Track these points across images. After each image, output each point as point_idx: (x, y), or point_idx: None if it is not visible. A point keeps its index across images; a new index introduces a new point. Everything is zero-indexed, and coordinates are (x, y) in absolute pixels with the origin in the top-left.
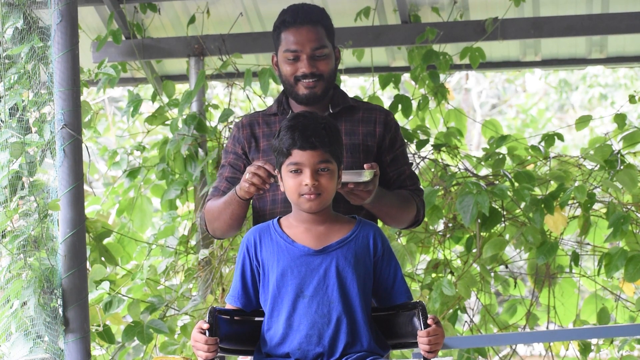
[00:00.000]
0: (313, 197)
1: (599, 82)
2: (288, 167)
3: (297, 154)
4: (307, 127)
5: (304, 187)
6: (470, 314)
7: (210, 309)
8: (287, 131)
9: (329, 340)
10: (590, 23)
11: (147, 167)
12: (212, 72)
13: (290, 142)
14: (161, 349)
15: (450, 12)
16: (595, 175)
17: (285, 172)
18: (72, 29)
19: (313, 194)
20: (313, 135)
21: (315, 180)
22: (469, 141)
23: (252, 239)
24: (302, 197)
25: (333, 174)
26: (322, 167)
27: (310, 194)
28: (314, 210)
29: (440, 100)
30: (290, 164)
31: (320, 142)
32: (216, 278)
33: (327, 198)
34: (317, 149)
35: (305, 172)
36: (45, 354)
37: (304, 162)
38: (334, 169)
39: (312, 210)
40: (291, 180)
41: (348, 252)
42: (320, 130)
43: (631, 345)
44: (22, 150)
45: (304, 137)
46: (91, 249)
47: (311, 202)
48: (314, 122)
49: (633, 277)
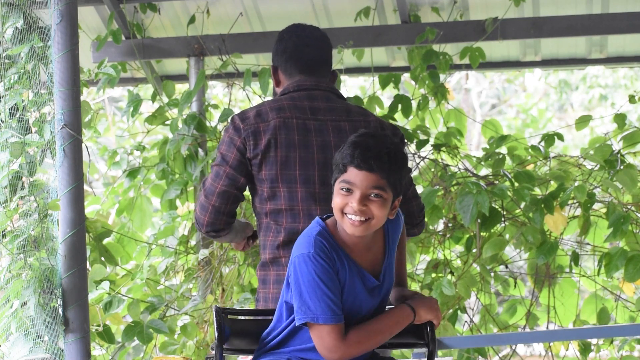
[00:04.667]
0: (357, 223)
1: (599, 82)
2: (340, 185)
3: (352, 172)
4: (370, 147)
5: (349, 208)
6: (470, 314)
7: (215, 309)
8: (349, 146)
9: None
10: (590, 23)
11: (147, 167)
12: (212, 72)
13: (349, 159)
14: (161, 349)
15: (450, 12)
16: (595, 175)
17: (336, 189)
18: (72, 29)
19: (358, 220)
20: (374, 157)
21: (364, 205)
22: (469, 141)
23: (330, 255)
24: (346, 217)
25: (386, 203)
26: (375, 193)
27: (355, 219)
28: (357, 235)
29: (440, 100)
30: (342, 181)
31: (379, 166)
32: (216, 278)
33: (374, 225)
34: (374, 172)
35: (355, 193)
36: (45, 354)
37: (356, 183)
38: (387, 198)
39: (354, 235)
40: (339, 198)
41: (390, 273)
42: (383, 155)
43: (631, 346)
44: (22, 150)
45: (364, 157)
46: (91, 249)
47: (355, 227)
48: (378, 145)
49: (633, 277)
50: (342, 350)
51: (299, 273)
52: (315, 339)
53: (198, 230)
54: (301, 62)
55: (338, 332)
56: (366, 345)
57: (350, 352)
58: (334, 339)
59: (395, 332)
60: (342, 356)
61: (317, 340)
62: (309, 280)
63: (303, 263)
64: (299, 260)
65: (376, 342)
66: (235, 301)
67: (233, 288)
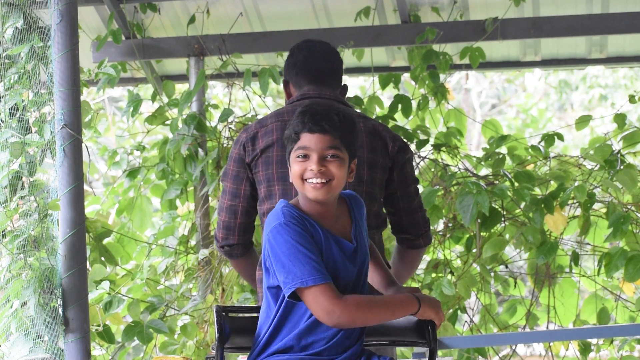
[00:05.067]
0: (319, 185)
1: (599, 82)
2: (296, 152)
3: (306, 137)
4: (318, 112)
5: (309, 172)
6: (470, 314)
7: (215, 308)
8: (297, 116)
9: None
10: (590, 23)
11: (147, 167)
12: (212, 72)
13: (300, 127)
14: (161, 349)
15: (450, 12)
16: (595, 175)
17: (292, 159)
18: (72, 29)
19: (319, 182)
20: (324, 119)
21: (323, 166)
22: (469, 141)
23: (304, 223)
24: (307, 183)
25: (343, 163)
26: (331, 154)
27: (316, 181)
28: (320, 199)
29: (440, 100)
30: (298, 148)
31: (330, 127)
32: (216, 278)
33: (336, 186)
34: (327, 133)
35: (312, 157)
36: (45, 354)
37: (311, 147)
38: (344, 158)
39: (317, 199)
40: (297, 166)
41: (363, 232)
42: (332, 116)
43: (631, 345)
44: (22, 150)
45: (314, 120)
46: (91, 248)
47: (317, 191)
48: (326, 109)
49: (633, 277)
50: (340, 308)
51: (275, 245)
52: (311, 303)
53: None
54: (309, 73)
55: (331, 290)
56: (364, 312)
57: (350, 313)
58: (330, 297)
59: (397, 314)
60: (340, 315)
61: (313, 304)
62: (287, 247)
63: (277, 234)
64: (272, 234)
65: (376, 314)
66: (235, 301)
67: (233, 288)
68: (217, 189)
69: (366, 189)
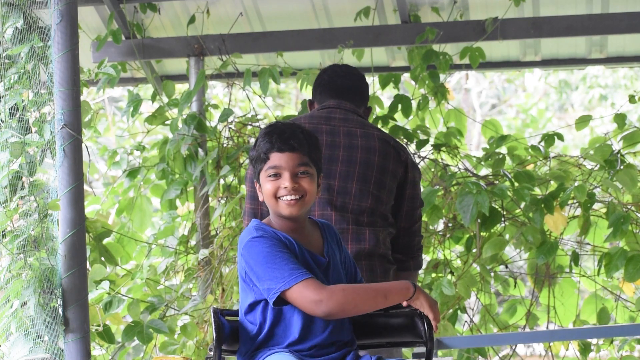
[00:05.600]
0: (293, 201)
1: (599, 82)
2: (267, 172)
3: (276, 157)
4: (285, 131)
5: (282, 190)
6: (470, 314)
7: (213, 310)
8: (264, 137)
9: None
10: (590, 23)
11: (147, 167)
12: (212, 72)
13: (269, 146)
14: (161, 349)
15: (450, 12)
16: (595, 175)
17: (263, 179)
18: (72, 29)
19: (293, 199)
20: (291, 138)
21: (295, 182)
22: (469, 141)
23: (277, 236)
24: (280, 200)
25: (313, 178)
26: (302, 171)
27: (290, 198)
28: (294, 214)
29: (440, 100)
30: (269, 168)
31: (299, 145)
32: (216, 278)
33: (309, 201)
34: (296, 151)
35: (284, 175)
36: (45, 354)
37: (282, 165)
38: (313, 174)
39: (292, 215)
40: (269, 185)
41: (338, 258)
42: (298, 134)
43: (631, 345)
44: (22, 150)
45: (282, 139)
46: (91, 248)
47: (291, 207)
48: (291, 127)
49: (633, 277)
50: (326, 296)
51: (250, 258)
52: (298, 300)
53: None
54: (332, 90)
55: (315, 282)
56: (353, 297)
57: (337, 299)
58: (314, 288)
59: (390, 298)
60: (328, 302)
61: (300, 299)
62: (263, 256)
63: (251, 247)
64: (247, 248)
65: (366, 299)
66: (235, 301)
67: (233, 288)
68: (216, 189)
69: (372, 190)
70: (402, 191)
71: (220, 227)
